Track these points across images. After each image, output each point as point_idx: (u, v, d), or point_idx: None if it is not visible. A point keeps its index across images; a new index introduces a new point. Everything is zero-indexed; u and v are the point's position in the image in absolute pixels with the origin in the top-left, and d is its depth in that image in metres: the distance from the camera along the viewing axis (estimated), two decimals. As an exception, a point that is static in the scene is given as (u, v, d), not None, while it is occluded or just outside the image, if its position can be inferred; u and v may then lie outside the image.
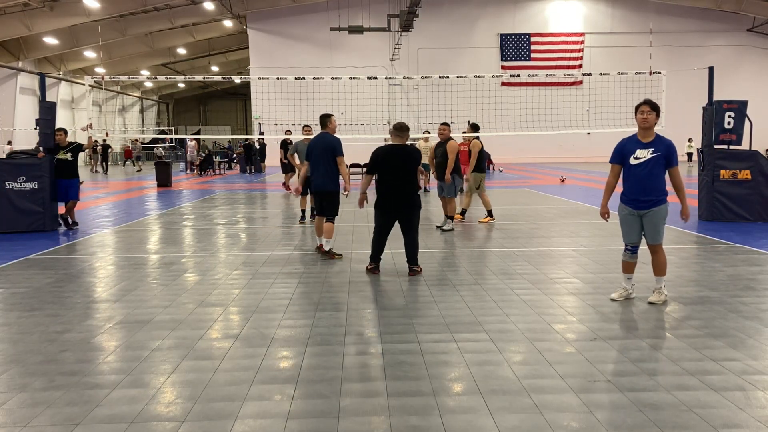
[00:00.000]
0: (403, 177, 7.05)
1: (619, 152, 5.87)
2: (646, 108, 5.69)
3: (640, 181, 5.69)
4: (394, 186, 7.05)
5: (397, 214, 7.14)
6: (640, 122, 5.70)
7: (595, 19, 40.62)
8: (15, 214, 10.86)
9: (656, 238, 5.78)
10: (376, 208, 7.20)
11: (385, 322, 5.30)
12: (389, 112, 37.02)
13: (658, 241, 5.80)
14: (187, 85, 57.27)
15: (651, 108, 5.69)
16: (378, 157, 7.13)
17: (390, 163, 7.04)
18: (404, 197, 7.09)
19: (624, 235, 5.94)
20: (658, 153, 5.65)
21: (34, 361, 4.44)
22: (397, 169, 7.03)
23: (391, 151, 7.11)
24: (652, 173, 5.64)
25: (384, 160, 7.08)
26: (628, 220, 5.85)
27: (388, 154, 7.09)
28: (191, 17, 36.63)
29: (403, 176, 7.05)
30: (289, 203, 15.67)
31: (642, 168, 5.68)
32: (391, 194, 7.07)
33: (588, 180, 23.57)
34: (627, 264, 5.99)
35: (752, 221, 11.15)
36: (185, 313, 5.65)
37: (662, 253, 5.86)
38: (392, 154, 7.09)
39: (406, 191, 7.09)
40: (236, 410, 3.61)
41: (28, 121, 34.93)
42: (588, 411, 3.56)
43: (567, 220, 11.88)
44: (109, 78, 19.35)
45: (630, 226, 5.85)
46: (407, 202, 7.10)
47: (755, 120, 12.48)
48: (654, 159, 5.64)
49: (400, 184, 7.05)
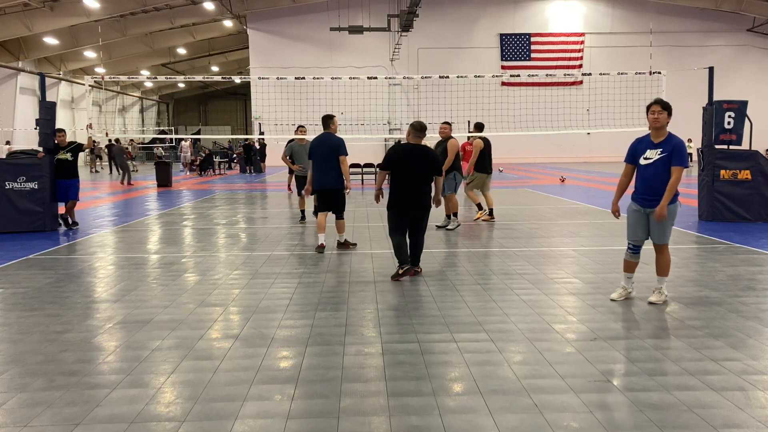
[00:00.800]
0: (419, 177, 6.85)
1: (631, 152, 5.91)
2: (656, 108, 5.67)
3: (647, 181, 5.70)
4: (409, 186, 6.85)
5: (410, 214, 6.95)
6: (652, 122, 5.69)
7: (595, 19, 40.63)
8: (15, 214, 10.86)
9: (662, 238, 5.79)
10: (391, 208, 7.00)
11: (385, 322, 5.30)
12: (389, 112, 37.05)
13: (663, 241, 5.81)
14: (187, 85, 57.28)
15: (662, 107, 5.67)
16: (394, 154, 6.95)
17: (407, 162, 6.85)
18: (418, 198, 6.89)
19: (629, 233, 5.93)
20: (665, 154, 5.64)
21: (34, 361, 4.44)
22: (413, 168, 6.83)
23: (410, 149, 6.92)
24: (657, 174, 5.64)
25: (401, 158, 6.88)
26: (635, 217, 5.86)
27: (405, 153, 6.89)
28: (191, 17, 36.64)
29: (419, 177, 6.85)
30: (289, 203, 15.67)
31: (650, 169, 5.69)
32: (406, 194, 6.87)
33: (588, 180, 23.57)
34: (628, 263, 5.99)
35: (752, 221, 11.15)
36: (185, 313, 5.65)
37: (667, 253, 5.87)
38: (410, 153, 6.89)
39: (420, 192, 6.88)
40: (236, 410, 3.61)
41: (28, 121, 34.94)
42: (588, 411, 3.56)
43: (567, 220, 11.88)
44: (109, 78, 19.35)
45: (636, 223, 5.85)
46: (421, 203, 6.92)
47: (755, 120, 12.49)
48: (661, 160, 5.64)
49: (415, 185, 6.85)
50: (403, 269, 6.87)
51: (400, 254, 6.93)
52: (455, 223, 10.66)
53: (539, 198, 16.47)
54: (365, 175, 22.98)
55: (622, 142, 40.85)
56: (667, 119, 5.69)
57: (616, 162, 38.05)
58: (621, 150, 32.64)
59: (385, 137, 36.38)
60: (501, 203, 14.86)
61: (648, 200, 5.73)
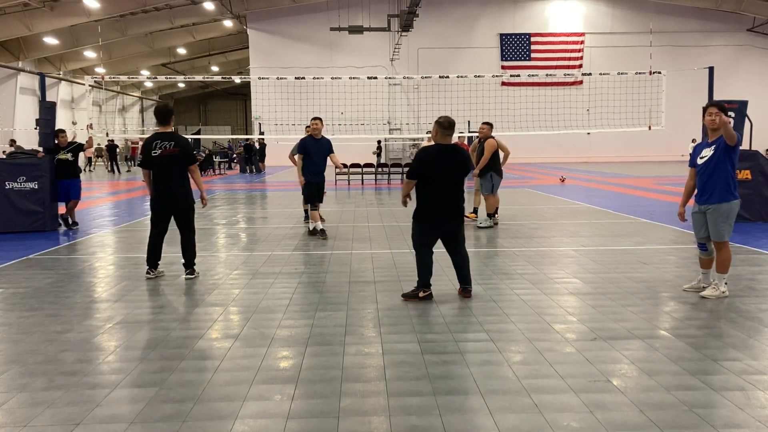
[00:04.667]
0: (455, 185, 5.93)
1: (693, 156, 6.19)
2: (714, 110, 5.88)
3: (702, 177, 5.95)
4: (443, 194, 5.89)
5: (444, 227, 6.01)
6: (708, 124, 5.94)
7: (595, 19, 40.64)
8: (15, 214, 10.86)
9: (716, 236, 5.92)
10: (420, 221, 5.99)
11: (385, 322, 5.30)
12: (389, 112, 37.04)
13: (718, 239, 5.92)
14: (187, 85, 57.29)
15: (719, 109, 5.87)
16: (426, 159, 5.89)
17: (442, 167, 5.85)
18: (455, 208, 5.98)
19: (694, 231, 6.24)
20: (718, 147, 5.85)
21: (34, 361, 4.44)
22: (447, 174, 5.87)
23: (443, 152, 5.89)
24: (710, 168, 5.84)
25: (434, 163, 5.85)
26: (694, 217, 6.13)
27: (440, 156, 5.87)
28: (191, 17, 36.65)
29: (455, 184, 5.93)
30: (289, 203, 15.66)
31: (705, 166, 5.92)
32: (442, 205, 5.90)
33: (588, 180, 23.56)
34: (700, 260, 6.25)
35: (752, 221, 11.15)
36: (185, 313, 5.65)
37: (726, 251, 5.96)
38: (445, 156, 5.87)
39: (457, 201, 5.98)
40: (236, 410, 3.61)
41: (28, 121, 34.91)
42: (588, 411, 3.56)
43: (567, 220, 11.88)
44: (109, 78, 19.35)
45: (695, 222, 6.13)
46: (458, 215, 6.02)
47: (755, 120, 12.50)
48: (714, 155, 5.84)
49: (451, 193, 5.92)
50: (425, 293, 6.00)
51: (426, 275, 6.00)
52: (488, 222, 10.87)
53: (539, 198, 16.47)
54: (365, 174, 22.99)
55: (622, 142, 41.00)
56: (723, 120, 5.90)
57: (616, 162, 38.07)
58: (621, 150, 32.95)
59: (385, 137, 36.37)
60: (501, 203, 14.84)
61: (703, 197, 5.96)
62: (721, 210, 5.84)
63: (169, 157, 6.93)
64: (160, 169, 6.96)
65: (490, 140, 10.78)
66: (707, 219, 5.94)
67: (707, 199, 5.91)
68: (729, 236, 5.94)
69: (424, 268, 5.99)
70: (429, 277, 6.01)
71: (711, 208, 5.88)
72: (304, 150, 9.87)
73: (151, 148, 6.95)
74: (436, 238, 6.06)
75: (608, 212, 12.93)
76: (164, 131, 7.04)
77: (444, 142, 5.96)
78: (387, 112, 36.30)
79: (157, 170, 6.98)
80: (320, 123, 9.87)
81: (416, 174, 5.94)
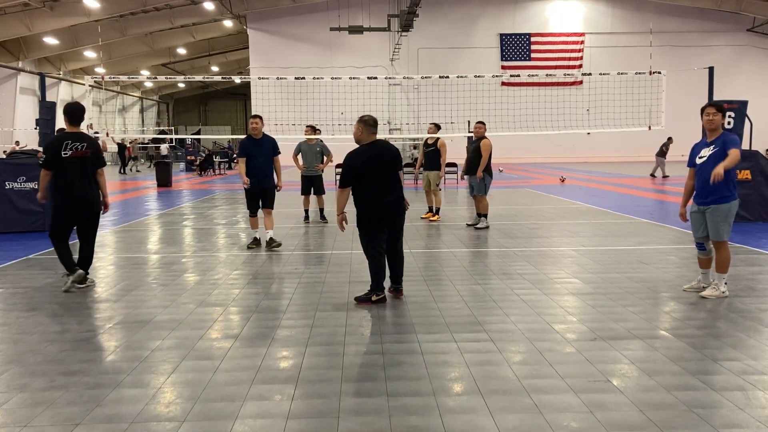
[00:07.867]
0: (395, 181, 5.93)
1: (691, 156, 6.18)
2: (712, 110, 5.92)
3: (701, 177, 5.94)
4: (388, 193, 5.85)
5: (394, 225, 5.98)
6: (706, 124, 5.96)
7: (595, 19, 40.62)
8: (15, 214, 10.86)
9: (716, 235, 5.93)
10: (371, 227, 5.87)
11: (385, 322, 5.30)
12: (389, 112, 37.03)
13: (717, 238, 5.93)
14: (187, 85, 57.29)
15: (717, 110, 5.91)
16: (361, 163, 5.75)
17: (380, 166, 5.81)
18: (400, 204, 5.97)
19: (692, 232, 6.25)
20: (717, 149, 5.84)
21: (34, 361, 4.44)
22: (388, 170, 5.87)
23: (377, 151, 5.85)
24: (709, 168, 5.82)
25: (371, 164, 5.77)
26: (693, 217, 6.14)
27: (374, 156, 5.81)
28: (191, 17, 36.66)
29: (395, 180, 5.93)
30: (289, 203, 15.66)
31: (704, 166, 5.91)
32: (389, 204, 5.86)
33: (588, 180, 23.56)
34: (699, 260, 6.25)
35: (752, 221, 11.15)
36: (185, 313, 5.65)
37: (724, 250, 5.97)
38: (380, 155, 5.84)
39: (401, 197, 5.99)
40: (236, 410, 3.61)
41: (28, 121, 34.93)
42: (588, 411, 3.56)
43: (567, 220, 11.88)
44: (109, 78, 19.37)
45: (694, 221, 6.14)
46: (400, 209, 5.99)
47: (755, 120, 12.50)
48: (713, 155, 5.84)
49: (393, 190, 5.90)
50: (378, 296, 5.90)
51: (381, 278, 5.93)
52: (485, 223, 10.79)
53: (539, 198, 16.47)
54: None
55: (622, 142, 40.98)
56: (721, 120, 5.93)
57: (616, 162, 38.07)
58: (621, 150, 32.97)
59: (385, 137, 36.34)
60: (501, 203, 14.86)
61: (702, 198, 5.96)
62: (721, 210, 5.85)
63: (81, 158, 6.46)
64: (72, 171, 6.42)
65: (485, 140, 10.73)
66: (706, 219, 5.96)
67: (706, 199, 5.92)
68: (728, 236, 5.95)
69: (380, 271, 5.90)
70: (383, 280, 5.95)
71: (710, 208, 5.90)
72: (243, 153, 9.03)
73: (61, 149, 6.40)
74: (386, 238, 5.96)
75: (608, 212, 12.93)
76: (74, 131, 6.55)
77: (370, 141, 5.91)
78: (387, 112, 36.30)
79: (68, 173, 6.42)
80: (260, 121, 9.09)
81: (353, 178, 5.78)
